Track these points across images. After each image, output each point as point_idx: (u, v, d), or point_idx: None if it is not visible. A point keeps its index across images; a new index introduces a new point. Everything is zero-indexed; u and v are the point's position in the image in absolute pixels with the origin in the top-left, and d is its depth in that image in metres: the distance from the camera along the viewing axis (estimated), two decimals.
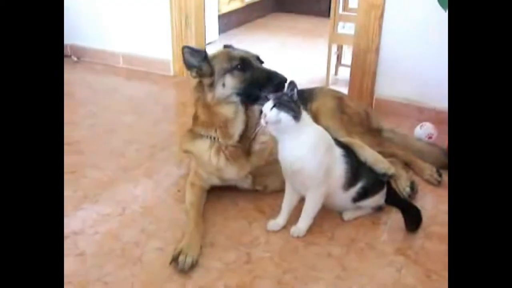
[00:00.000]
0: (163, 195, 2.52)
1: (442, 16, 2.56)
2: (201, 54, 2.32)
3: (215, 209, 2.40)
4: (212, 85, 2.29)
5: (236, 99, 2.28)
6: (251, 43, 5.64)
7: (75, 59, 4.65)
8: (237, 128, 2.33)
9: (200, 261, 2.05)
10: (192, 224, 2.21)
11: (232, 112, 2.30)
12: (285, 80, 2.17)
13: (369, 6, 3.31)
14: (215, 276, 1.99)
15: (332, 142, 2.19)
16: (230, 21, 6.15)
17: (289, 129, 2.03)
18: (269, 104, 2.01)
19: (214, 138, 2.36)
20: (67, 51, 4.69)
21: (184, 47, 2.32)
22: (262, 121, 2.03)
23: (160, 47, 4.31)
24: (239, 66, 2.27)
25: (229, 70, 2.27)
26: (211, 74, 2.30)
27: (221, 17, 5.83)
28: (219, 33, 5.79)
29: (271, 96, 2.04)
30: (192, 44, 4.12)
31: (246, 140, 2.37)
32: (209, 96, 2.31)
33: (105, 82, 4.20)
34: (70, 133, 3.15)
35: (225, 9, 5.95)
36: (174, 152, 2.88)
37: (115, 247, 2.14)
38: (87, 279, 1.97)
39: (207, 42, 5.36)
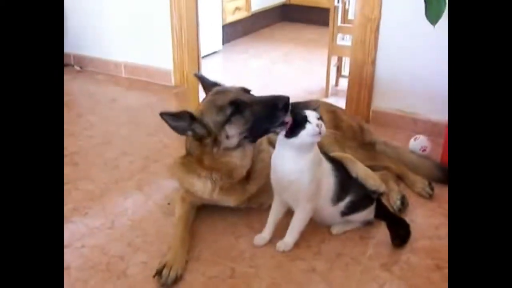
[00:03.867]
0: (152, 208, 2.53)
1: (436, 30, 2.56)
2: (185, 116, 2.15)
3: (204, 223, 2.40)
4: (216, 140, 2.18)
5: (245, 141, 2.19)
6: (254, 54, 5.68)
7: (78, 68, 4.68)
8: (245, 169, 2.28)
9: (184, 276, 2.05)
10: (179, 238, 2.20)
11: (240, 157, 2.23)
12: (287, 98, 2.04)
13: (365, 19, 3.30)
14: None
15: (322, 156, 2.19)
16: (235, 31, 6.14)
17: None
18: (315, 114, 2.01)
19: (215, 180, 2.29)
20: (70, 60, 4.72)
21: (161, 114, 2.10)
22: (316, 129, 1.97)
23: (161, 57, 4.31)
24: (234, 112, 2.14)
25: (226, 121, 2.14)
26: (209, 132, 2.17)
27: (225, 27, 5.82)
28: (223, 43, 5.80)
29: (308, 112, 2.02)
30: (185, 55, 4.15)
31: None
32: (215, 150, 2.20)
33: (106, 92, 4.21)
34: (67, 144, 3.17)
35: (230, 19, 5.93)
36: (167, 165, 2.86)
37: (100, 261, 2.15)
38: None
39: (210, 52, 5.42)
